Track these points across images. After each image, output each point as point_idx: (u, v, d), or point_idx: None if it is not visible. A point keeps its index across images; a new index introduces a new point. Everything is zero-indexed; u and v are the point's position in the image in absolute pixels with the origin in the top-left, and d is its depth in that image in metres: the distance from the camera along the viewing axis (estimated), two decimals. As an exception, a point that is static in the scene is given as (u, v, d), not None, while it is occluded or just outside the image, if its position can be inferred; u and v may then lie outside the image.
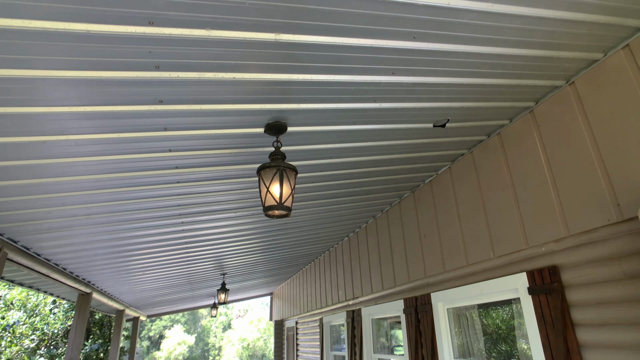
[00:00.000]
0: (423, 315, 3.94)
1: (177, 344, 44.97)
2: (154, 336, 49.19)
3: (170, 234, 4.15)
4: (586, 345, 2.31)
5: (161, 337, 48.43)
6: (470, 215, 3.33)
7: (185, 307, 12.23)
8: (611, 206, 2.20)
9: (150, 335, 49.07)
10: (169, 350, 44.33)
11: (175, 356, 44.19)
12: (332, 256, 6.76)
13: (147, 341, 48.40)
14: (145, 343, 47.68)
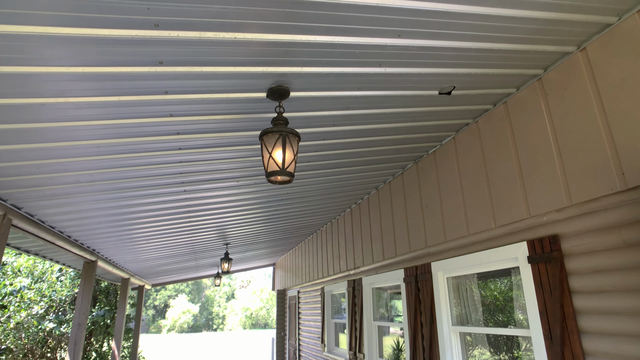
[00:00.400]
0: (423, 284, 4.02)
1: (182, 312, 46.44)
2: (159, 305, 50.71)
3: (173, 203, 4.19)
4: (582, 312, 2.36)
5: (166, 306, 49.92)
6: (473, 186, 3.33)
7: (189, 276, 12.52)
8: (615, 175, 2.19)
9: (156, 304, 50.58)
10: (174, 319, 45.82)
11: (180, 324, 45.72)
12: (334, 227, 6.84)
13: (153, 310, 49.94)
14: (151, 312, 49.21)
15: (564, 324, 2.43)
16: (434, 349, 3.73)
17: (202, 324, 48.71)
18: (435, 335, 3.74)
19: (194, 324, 47.23)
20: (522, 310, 2.99)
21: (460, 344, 3.57)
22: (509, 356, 3.21)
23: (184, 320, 45.94)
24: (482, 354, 3.45)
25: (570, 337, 2.39)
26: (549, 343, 2.51)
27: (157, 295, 51.25)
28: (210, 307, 51.65)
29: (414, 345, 4.06)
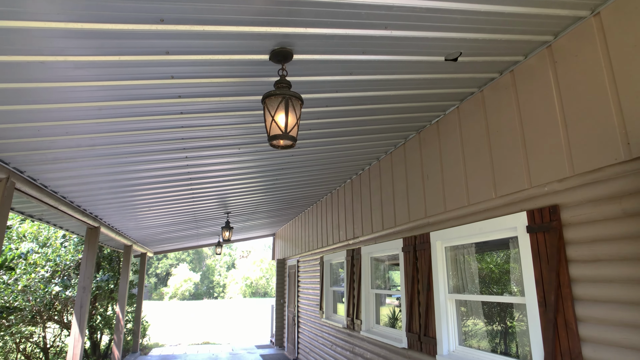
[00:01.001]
0: (421, 253, 4.08)
1: (184, 281, 47.57)
2: (161, 273, 51.87)
3: (174, 169, 4.19)
4: (577, 280, 2.41)
5: (168, 274, 51.09)
6: (475, 156, 3.33)
7: (190, 245, 12.73)
8: (621, 145, 2.18)
9: (158, 272, 51.74)
10: (176, 287, 47.00)
11: (182, 292, 46.94)
12: (334, 198, 6.88)
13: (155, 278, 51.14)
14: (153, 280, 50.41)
15: (559, 292, 2.49)
16: (429, 315, 3.85)
17: (203, 292, 50.01)
18: (431, 302, 3.84)
19: (195, 292, 48.50)
20: (517, 279, 3.05)
21: (455, 310, 3.67)
22: (501, 327, 3.32)
23: (185, 288, 47.13)
24: (475, 324, 3.55)
25: (564, 304, 2.45)
26: (543, 310, 2.58)
27: (158, 264, 52.31)
28: (211, 276, 52.87)
29: (410, 311, 4.18)
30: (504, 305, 3.25)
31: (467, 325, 3.61)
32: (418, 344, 3.99)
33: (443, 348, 3.60)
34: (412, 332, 4.11)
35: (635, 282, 2.08)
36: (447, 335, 3.62)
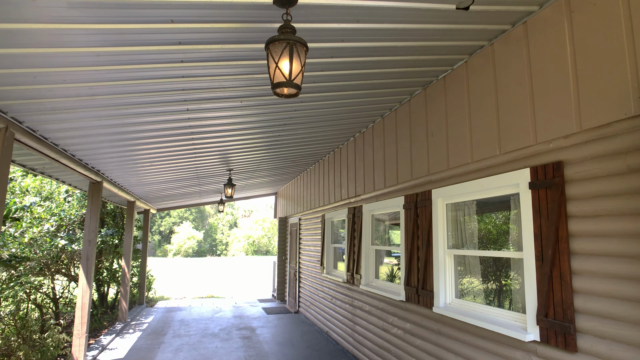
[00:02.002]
0: (422, 210, 4.15)
1: (187, 238, 48.80)
2: (165, 231, 53.12)
3: (175, 123, 4.17)
4: (575, 235, 2.47)
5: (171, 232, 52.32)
6: (482, 112, 3.29)
7: (193, 202, 12.93)
8: (632, 99, 2.15)
9: (161, 230, 52.96)
10: (179, 244, 48.30)
11: (185, 249, 48.31)
12: (337, 156, 6.89)
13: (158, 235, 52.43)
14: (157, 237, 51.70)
15: (556, 246, 2.55)
16: (428, 270, 3.98)
17: (206, 250, 51.44)
18: (430, 258, 3.95)
19: (198, 250, 49.88)
20: (515, 236, 3.12)
21: (453, 265, 3.79)
22: (496, 284, 3.44)
23: (188, 245, 48.42)
24: (471, 282, 3.67)
25: (560, 258, 2.52)
26: (540, 264, 2.66)
27: (162, 222, 53.41)
28: (213, 234, 54.13)
29: (409, 267, 4.32)
30: (500, 264, 3.35)
31: (464, 283, 3.74)
32: (415, 296, 4.15)
33: (440, 300, 3.75)
34: (410, 285, 4.27)
35: (633, 236, 2.13)
36: (444, 288, 3.76)
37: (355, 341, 5.80)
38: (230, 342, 6.81)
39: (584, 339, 2.34)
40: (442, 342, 3.70)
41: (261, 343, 6.76)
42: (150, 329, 7.90)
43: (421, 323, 4.08)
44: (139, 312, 9.74)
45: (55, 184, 8.26)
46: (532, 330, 2.67)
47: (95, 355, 6.01)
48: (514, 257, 3.12)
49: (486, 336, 3.14)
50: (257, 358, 5.88)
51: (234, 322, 8.63)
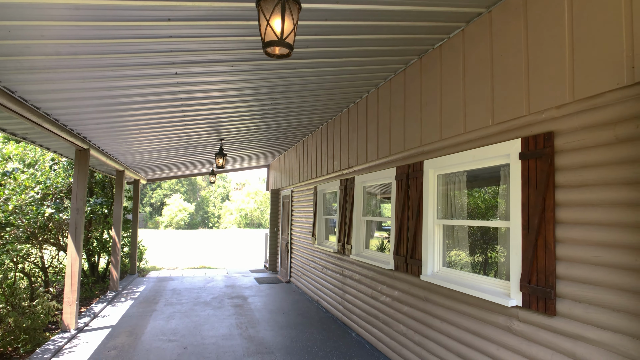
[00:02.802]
0: (413, 181, 4.20)
1: (179, 210, 48.94)
2: (156, 203, 53.14)
3: (164, 87, 4.11)
4: (561, 204, 2.54)
5: (162, 204, 52.36)
6: (476, 83, 3.29)
7: (183, 173, 12.89)
8: (625, 69, 2.16)
9: (152, 202, 52.96)
10: (171, 216, 48.47)
11: (177, 221, 48.53)
12: (330, 128, 6.87)
13: (149, 207, 52.47)
14: (148, 209, 51.74)
15: (543, 215, 2.63)
16: (417, 240, 4.08)
17: (198, 222, 51.73)
18: (419, 228, 4.04)
19: (190, 222, 50.15)
20: (503, 207, 3.20)
21: (442, 235, 3.88)
22: (482, 255, 3.55)
23: (180, 217, 48.63)
24: (458, 253, 3.78)
25: (546, 226, 2.60)
26: (526, 233, 2.74)
27: (153, 194, 53.33)
28: (205, 207, 54.32)
29: (399, 237, 4.42)
30: (487, 236, 3.44)
31: (451, 255, 3.85)
32: (404, 265, 4.27)
33: (428, 269, 3.87)
34: (400, 255, 4.38)
35: (616, 205, 2.20)
36: (432, 257, 3.87)
37: (345, 309, 6.00)
38: (222, 310, 6.99)
39: (562, 303, 2.46)
40: (429, 309, 3.85)
41: (253, 311, 6.96)
42: (142, 298, 8.05)
43: (409, 291, 4.22)
44: (131, 282, 9.90)
45: (39, 151, 8.15)
46: (515, 296, 2.79)
47: (87, 322, 6.14)
48: (501, 227, 3.21)
49: (471, 302, 3.27)
50: (248, 325, 6.06)
51: (226, 291, 8.82)
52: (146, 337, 5.46)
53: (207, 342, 5.25)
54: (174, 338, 5.40)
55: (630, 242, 2.11)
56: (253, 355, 4.76)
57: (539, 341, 2.61)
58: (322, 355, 4.73)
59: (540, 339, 2.61)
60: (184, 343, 5.20)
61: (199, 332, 5.66)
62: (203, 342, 5.22)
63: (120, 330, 5.75)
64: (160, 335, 5.50)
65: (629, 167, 2.15)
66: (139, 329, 5.85)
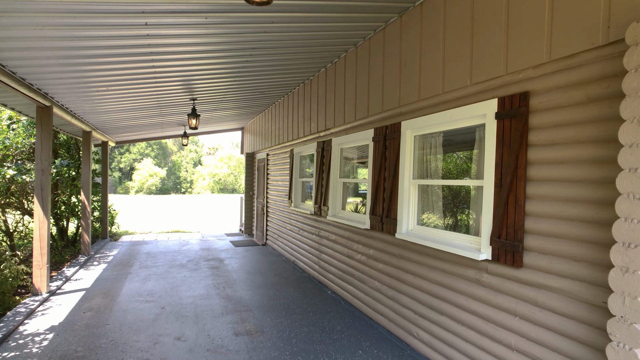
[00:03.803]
0: (391, 142, 4.24)
1: (149, 175, 47.75)
2: (125, 168, 51.52)
3: (133, 40, 3.86)
4: (532, 162, 2.64)
5: (132, 169, 50.84)
6: (456, 42, 3.27)
7: (155, 135, 12.45)
8: (601, 29, 2.20)
9: (121, 167, 51.29)
10: (141, 181, 47.29)
11: (148, 186, 47.45)
12: (307, 89, 6.74)
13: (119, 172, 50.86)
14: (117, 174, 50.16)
15: (515, 174, 2.73)
16: (393, 200, 4.17)
17: (170, 187, 50.81)
18: (396, 188, 4.13)
19: (162, 187, 49.18)
20: (476, 168, 3.30)
21: (417, 194, 3.99)
22: (454, 216, 3.68)
23: (151, 182, 47.55)
24: (431, 211, 3.90)
25: (517, 184, 2.71)
26: (498, 190, 2.86)
27: (121, 158, 51.59)
28: (177, 172, 53.23)
29: (375, 197, 4.51)
30: (460, 196, 3.56)
31: (425, 214, 3.97)
32: (380, 225, 4.39)
33: (402, 227, 4.00)
34: (376, 214, 4.49)
35: (584, 162, 2.31)
36: (407, 216, 3.99)
37: (321, 268, 6.17)
38: (199, 272, 7.04)
39: (529, 256, 2.62)
40: (403, 265, 4.01)
41: (230, 272, 7.04)
42: (115, 261, 7.97)
43: (384, 249, 4.36)
44: (103, 246, 9.74)
45: (-4, 110, 7.62)
46: (485, 250, 2.94)
47: (60, 285, 6.05)
48: (474, 186, 3.32)
49: (443, 258, 3.43)
50: (226, 285, 6.15)
51: (201, 254, 8.85)
52: (122, 298, 5.45)
53: (184, 302, 5.31)
54: (151, 299, 5.42)
55: (594, 197, 2.24)
56: (231, 313, 4.87)
57: (505, 291, 2.80)
58: (299, 312, 4.89)
59: (506, 290, 2.79)
60: (161, 303, 5.23)
61: (176, 293, 5.70)
62: (181, 302, 5.28)
63: (95, 293, 5.72)
64: (136, 297, 5.51)
65: (597, 126, 2.25)
66: (114, 291, 5.82)
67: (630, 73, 1.91)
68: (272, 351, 3.77)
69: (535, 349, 2.56)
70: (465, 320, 3.16)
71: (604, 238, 2.17)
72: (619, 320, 1.88)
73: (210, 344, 3.93)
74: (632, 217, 1.85)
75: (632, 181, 1.86)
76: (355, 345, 3.92)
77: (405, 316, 3.94)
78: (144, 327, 4.37)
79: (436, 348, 3.48)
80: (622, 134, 1.92)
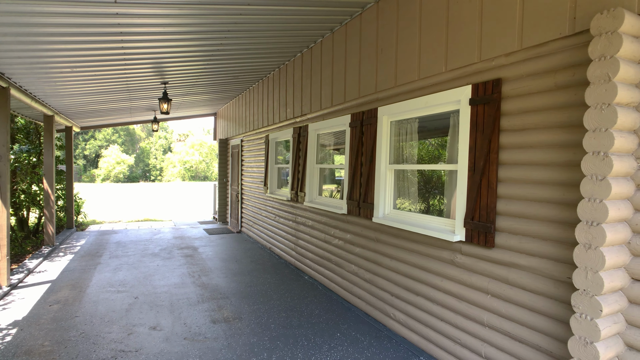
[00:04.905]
0: (367, 127, 4.30)
1: (116, 163, 46.10)
2: (90, 155, 49.47)
3: (101, 18, 3.69)
4: (504, 147, 2.76)
5: (98, 156, 48.89)
6: (432, 29, 3.33)
7: (123, 120, 12.01)
8: (567, 19, 2.31)
9: (86, 154, 49.20)
10: (108, 169, 45.63)
11: (115, 174, 45.85)
12: (283, 74, 6.68)
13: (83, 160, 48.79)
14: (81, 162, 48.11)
15: (487, 157, 2.85)
16: (369, 184, 4.25)
17: (138, 175, 49.32)
18: (372, 173, 4.21)
19: (130, 175, 47.67)
20: (451, 153, 3.41)
21: (393, 179, 4.08)
22: (428, 201, 3.80)
23: (119, 170, 45.98)
24: (407, 195, 4.01)
25: (490, 167, 2.83)
26: (472, 174, 2.97)
27: (86, 145, 49.47)
28: (146, 159, 51.66)
29: (352, 182, 4.57)
30: (435, 180, 3.68)
31: (401, 199, 4.08)
32: (357, 209, 4.48)
33: (379, 211, 4.09)
34: (353, 199, 4.57)
35: (552, 146, 2.44)
36: (384, 200, 4.09)
37: (298, 254, 6.23)
38: (173, 261, 6.95)
39: (500, 236, 2.76)
40: (379, 248, 4.12)
41: (204, 260, 6.99)
42: (83, 252, 7.73)
43: (361, 233, 4.46)
44: (69, 236, 9.40)
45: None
46: (459, 232, 3.07)
47: (21, 278, 5.81)
48: (449, 170, 3.44)
49: (419, 240, 3.55)
50: (201, 273, 6.11)
51: (174, 242, 8.72)
52: (92, 289, 5.31)
53: (159, 291, 5.24)
54: (123, 289, 5.32)
55: (561, 179, 2.38)
56: (208, 300, 4.86)
57: (478, 271, 2.94)
58: (276, 298, 4.95)
59: (479, 269, 2.93)
60: (134, 293, 5.14)
61: (149, 282, 5.62)
62: (155, 292, 5.21)
63: (62, 285, 5.54)
64: (108, 287, 5.39)
65: (564, 112, 2.37)
66: (83, 282, 5.66)
67: (594, 62, 2.02)
68: (251, 337, 3.81)
69: (506, 325, 2.72)
70: (440, 300, 3.30)
71: (570, 217, 2.32)
72: (582, 293, 2.03)
73: (187, 332, 3.92)
74: (595, 197, 1.98)
75: (595, 164, 1.99)
76: (334, 328, 4.02)
77: (382, 298, 4.07)
78: (117, 318, 4.29)
79: (412, 328, 3.63)
80: (586, 120, 2.04)
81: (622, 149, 1.96)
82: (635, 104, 2.01)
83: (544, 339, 2.46)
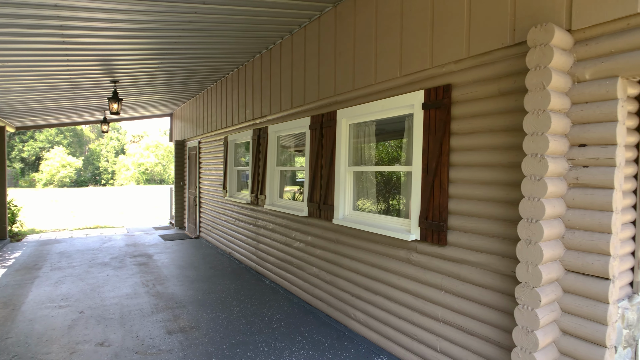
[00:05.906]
0: (327, 130, 4.40)
1: (61, 166, 43.46)
2: (29, 158, 46.31)
3: (35, 9, 3.53)
4: (454, 149, 2.94)
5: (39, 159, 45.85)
6: (387, 35, 3.49)
7: (68, 120, 11.39)
8: (508, 31, 2.52)
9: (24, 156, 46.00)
10: (52, 172, 42.92)
11: (60, 178, 43.21)
12: (242, 75, 6.66)
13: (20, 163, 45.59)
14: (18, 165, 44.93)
15: (439, 159, 3.03)
16: (330, 187, 4.36)
17: (87, 179, 46.79)
18: (332, 175, 4.31)
19: (77, 179, 45.11)
20: (406, 155, 3.58)
21: (353, 181, 4.21)
22: (387, 199, 3.96)
23: (64, 174, 43.35)
24: (366, 197, 4.15)
25: (441, 169, 3.01)
26: (425, 175, 3.14)
27: (24, 147, 46.24)
28: (96, 162, 49.13)
29: (313, 184, 4.66)
30: (391, 183, 3.84)
31: (360, 198, 4.21)
32: (317, 211, 4.56)
33: (339, 213, 4.20)
34: (313, 202, 4.65)
35: (497, 149, 2.65)
36: (343, 202, 4.20)
37: (259, 258, 6.22)
38: (124, 270, 6.70)
39: (452, 234, 2.94)
40: (340, 249, 4.23)
41: (160, 268, 6.80)
42: (18, 265, 7.19)
43: (322, 235, 4.55)
44: (1, 248, 8.75)
45: None
46: (414, 231, 3.23)
47: (-52, 294, 5.34)
48: (404, 171, 3.60)
49: (377, 240, 3.69)
50: (156, 282, 5.95)
51: (127, 250, 8.40)
52: (28, 306, 4.91)
53: (108, 303, 5.03)
54: (66, 304, 5.00)
55: (505, 179, 2.58)
56: (163, 311, 4.75)
57: (432, 268, 3.11)
58: (236, 304, 4.92)
59: (433, 266, 3.10)
60: (79, 307, 4.86)
61: (97, 295, 5.36)
62: (103, 304, 4.98)
63: (-7, 302, 5.12)
64: (47, 303, 5.03)
65: (507, 117, 2.58)
66: (17, 298, 5.22)
67: (531, 71, 2.22)
68: (209, 346, 3.78)
69: (458, 319, 2.90)
70: (397, 298, 3.45)
71: (513, 215, 2.52)
72: (524, 286, 2.22)
73: (139, 346, 3.80)
74: (534, 196, 2.18)
75: (533, 165, 2.19)
76: (295, 332, 4.07)
77: (342, 299, 4.17)
78: (57, 336, 4.01)
79: (372, 327, 3.76)
80: (525, 124, 2.24)
81: (556, 151, 2.17)
82: (566, 110, 2.23)
83: (493, 331, 2.66)
